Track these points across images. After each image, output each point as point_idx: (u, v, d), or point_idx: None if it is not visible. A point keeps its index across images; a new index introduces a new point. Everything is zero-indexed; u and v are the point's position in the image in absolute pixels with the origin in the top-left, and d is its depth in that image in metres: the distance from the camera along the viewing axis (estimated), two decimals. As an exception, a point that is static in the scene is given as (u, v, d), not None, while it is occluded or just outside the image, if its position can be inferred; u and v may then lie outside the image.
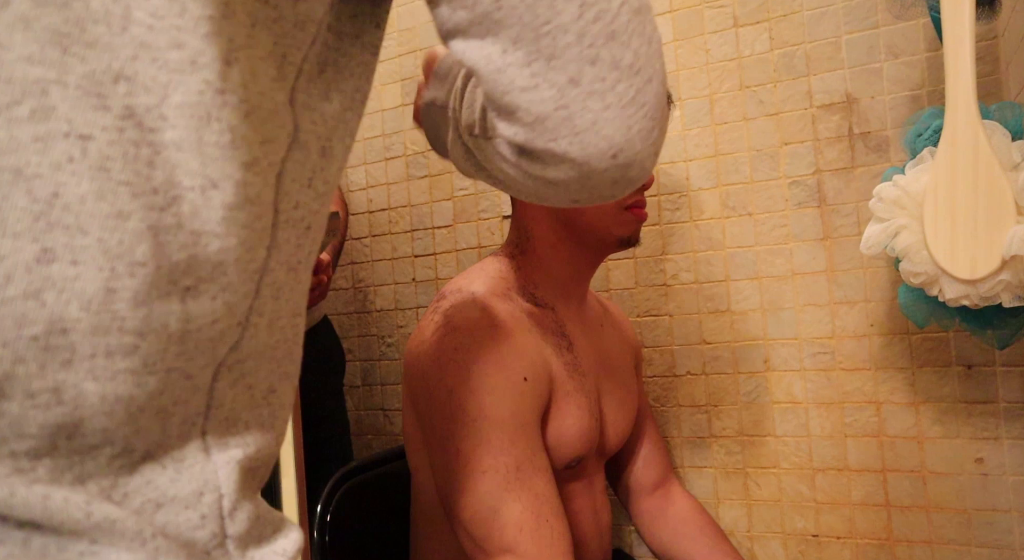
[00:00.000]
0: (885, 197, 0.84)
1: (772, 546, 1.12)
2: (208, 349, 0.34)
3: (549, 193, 0.45)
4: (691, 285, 1.18)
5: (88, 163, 0.30)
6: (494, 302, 0.85)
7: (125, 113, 0.30)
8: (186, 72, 0.32)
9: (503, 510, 0.76)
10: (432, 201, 1.40)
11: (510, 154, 0.44)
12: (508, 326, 0.82)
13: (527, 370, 0.81)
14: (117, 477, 0.32)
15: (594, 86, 0.38)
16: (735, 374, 1.15)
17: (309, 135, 0.38)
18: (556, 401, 0.85)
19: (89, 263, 0.29)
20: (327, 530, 0.90)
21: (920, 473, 1.03)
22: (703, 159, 1.17)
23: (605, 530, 0.96)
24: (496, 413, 0.78)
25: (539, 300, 0.91)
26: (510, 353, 0.80)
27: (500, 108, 0.41)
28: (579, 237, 0.92)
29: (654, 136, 0.41)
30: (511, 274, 0.91)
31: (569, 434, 0.85)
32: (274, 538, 0.37)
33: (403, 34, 1.42)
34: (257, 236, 0.35)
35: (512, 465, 0.77)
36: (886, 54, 1.05)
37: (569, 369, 0.87)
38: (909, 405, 1.04)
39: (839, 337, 1.08)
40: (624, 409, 0.99)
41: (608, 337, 1.01)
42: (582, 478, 0.92)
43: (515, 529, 0.75)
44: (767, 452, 1.13)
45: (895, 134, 1.04)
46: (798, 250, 1.11)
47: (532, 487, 0.77)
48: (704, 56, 1.16)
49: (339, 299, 1.50)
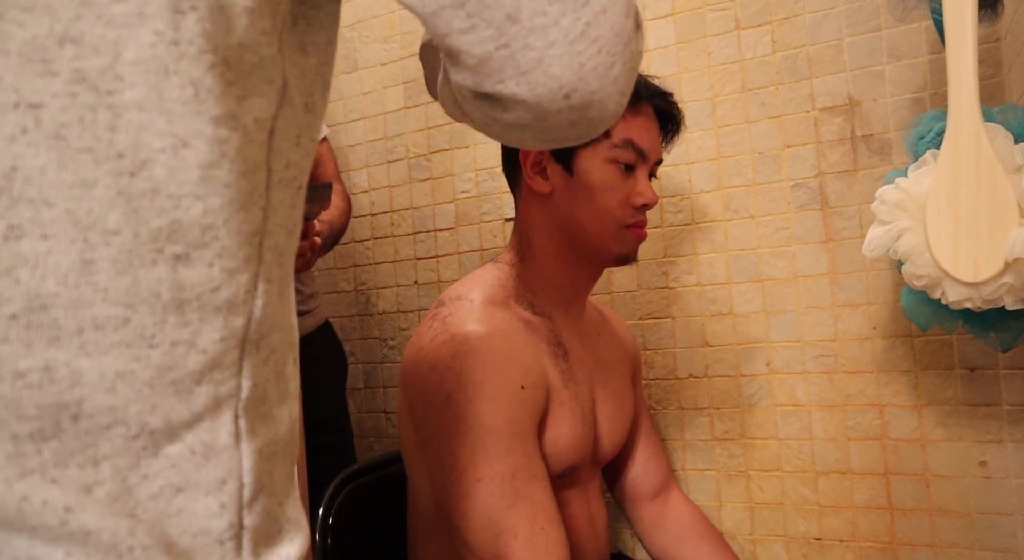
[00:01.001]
0: (887, 200, 0.84)
1: (775, 549, 1.12)
2: (217, 320, 0.32)
3: (515, 137, 0.42)
4: (693, 288, 1.18)
5: (43, 132, 0.29)
6: (492, 310, 0.85)
7: (76, 77, 0.29)
8: (133, 26, 0.30)
9: (498, 518, 0.76)
10: (434, 204, 1.40)
11: (470, 98, 0.41)
12: (506, 334, 0.83)
13: (524, 378, 0.81)
14: (139, 458, 0.30)
15: (535, 21, 0.35)
16: (737, 377, 1.15)
17: (295, 90, 0.37)
18: (552, 409, 0.85)
19: (60, 236, 0.29)
20: (329, 533, 0.90)
21: (923, 476, 1.03)
22: (705, 162, 1.17)
23: (601, 534, 0.96)
24: (493, 421, 0.78)
25: (537, 308, 0.91)
26: (507, 361, 0.80)
27: (446, 52, 0.39)
28: (578, 249, 0.92)
29: (614, 73, 0.37)
30: (510, 282, 0.91)
31: (563, 442, 0.85)
32: (279, 540, 0.36)
33: (405, 37, 1.42)
34: (247, 196, 0.34)
35: (508, 473, 0.77)
36: (888, 57, 1.05)
37: (564, 378, 0.88)
38: (912, 408, 1.04)
39: (841, 340, 1.08)
40: (618, 418, 0.99)
41: (605, 346, 1.01)
42: (576, 485, 0.92)
43: (510, 536, 0.76)
44: (769, 455, 1.12)
45: (897, 137, 1.04)
46: (800, 253, 1.10)
47: (528, 495, 0.77)
48: (706, 59, 1.16)
49: (341, 302, 1.51)
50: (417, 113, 1.41)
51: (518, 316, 0.87)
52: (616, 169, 0.90)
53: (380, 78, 1.46)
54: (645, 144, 0.91)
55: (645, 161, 0.91)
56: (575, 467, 0.88)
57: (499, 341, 0.82)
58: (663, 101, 0.95)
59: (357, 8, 1.48)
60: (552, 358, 0.88)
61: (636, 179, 0.91)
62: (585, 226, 0.90)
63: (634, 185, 0.90)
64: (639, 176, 0.91)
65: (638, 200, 0.90)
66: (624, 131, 0.89)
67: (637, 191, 0.90)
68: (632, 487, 1.07)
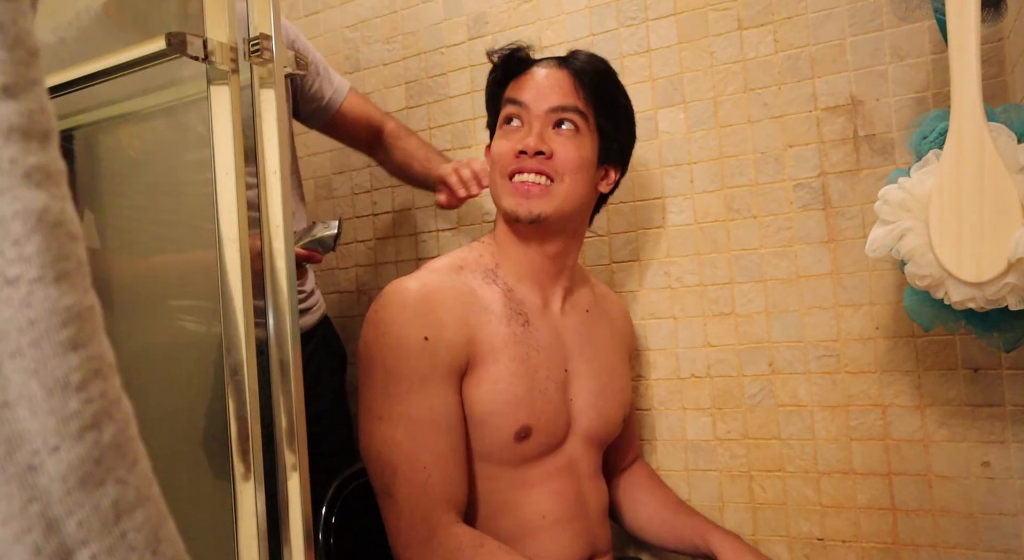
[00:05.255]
0: (890, 199, 0.84)
1: (777, 550, 1.12)
2: None
3: None
4: (695, 288, 1.18)
5: None
6: (436, 276, 0.92)
7: None
8: None
9: (387, 454, 0.85)
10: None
11: None
12: (428, 290, 0.89)
13: (430, 330, 0.86)
14: None
15: None
16: (740, 377, 1.15)
17: None
18: (481, 366, 0.89)
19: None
20: (332, 532, 0.90)
21: (926, 477, 1.03)
22: (707, 162, 1.17)
23: (595, 515, 0.99)
24: (394, 366, 0.85)
25: (496, 280, 0.96)
26: (415, 313, 0.87)
27: None
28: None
29: None
30: (473, 254, 0.98)
31: (500, 399, 0.89)
32: None
33: (407, 38, 1.42)
34: None
35: (404, 414, 0.85)
36: (891, 56, 1.05)
37: (512, 340, 0.92)
38: (915, 408, 1.04)
39: (844, 340, 1.08)
40: (606, 395, 1.02)
41: (593, 323, 1.04)
42: (558, 457, 0.95)
43: (392, 472, 0.84)
44: (772, 455, 1.12)
45: (900, 136, 1.04)
46: (803, 253, 1.10)
47: (420, 438, 0.84)
48: (708, 58, 1.16)
49: (343, 302, 1.51)
50: (419, 113, 1.41)
51: (464, 282, 0.93)
52: (502, 128, 0.97)
53: (382, 78, 1.46)
54: (521, 95, 0.96)
55: (527, 110, 0.95)
56: (528, 429, 0.91)
57: (414, 295, 0.88)
58: (510, 54, 1.00)
59: (359, 8, 1.48)
60: (498, 321, 0.92)
61: (524, 132, 0.94)
62: (492, 189, 0.98)
63: (522, 137, 0.94)
64: (527, 129, 0.95)
65: (518, 147, 0.93)
66: (509, 93, 0.98)
67: (518, 139, 0.94)
68: (609, 462, 1.12)
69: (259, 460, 0.70)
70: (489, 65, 1.03)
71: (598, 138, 0.97)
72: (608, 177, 1.01)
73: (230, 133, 0.71)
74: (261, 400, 0.70)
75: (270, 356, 0.72)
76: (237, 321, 0.70)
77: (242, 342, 0.70)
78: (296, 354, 0.71)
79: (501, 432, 0.89)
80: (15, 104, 0.28)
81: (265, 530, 0.69)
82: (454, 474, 0.86)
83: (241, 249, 0.70)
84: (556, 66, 0.97)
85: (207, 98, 0.72)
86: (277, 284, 0.72)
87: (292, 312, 0.71)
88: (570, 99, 0.95)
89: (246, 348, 0.70)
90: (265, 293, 0.72)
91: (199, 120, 0.75)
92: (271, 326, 0.72)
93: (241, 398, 0.70)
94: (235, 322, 0.70)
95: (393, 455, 0.84)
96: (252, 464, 0.69)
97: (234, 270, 0.71)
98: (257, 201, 0.72)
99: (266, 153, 0.73)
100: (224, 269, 0.71)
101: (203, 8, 0.72)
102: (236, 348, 0.70)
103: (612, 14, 1.23)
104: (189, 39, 0.69)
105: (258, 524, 0.69)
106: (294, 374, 0.71)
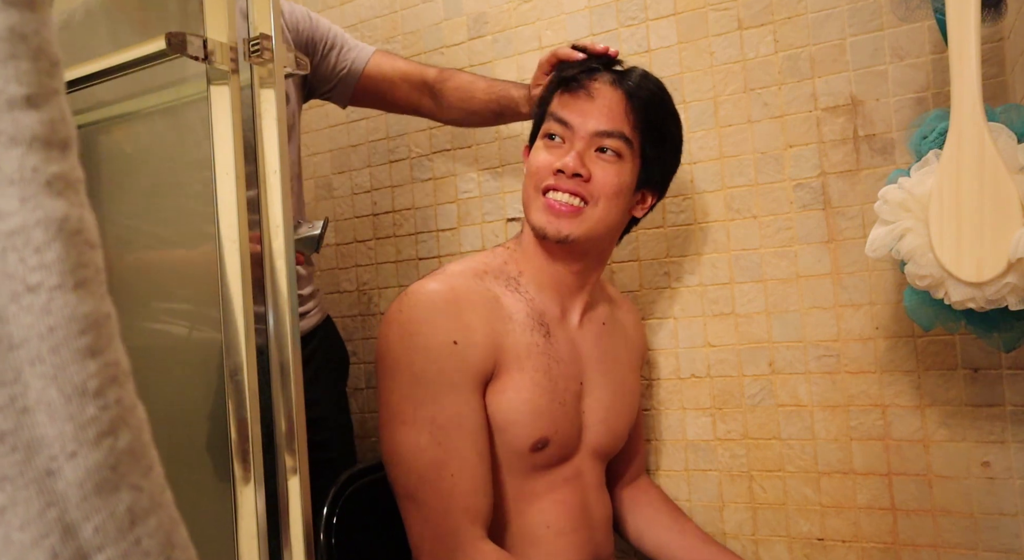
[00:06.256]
0: (890, 200, 0.84)
1: (777, 550, 1.12)
2: None
3: None
4: (695, 288, 1.18)
5: None
6: (461, 280, 0.90)
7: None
8: None
9: (412, 459, 0.83)
10: (436, 204, 1.40)
11: None
12: (456, 294, 0.87)
13: (459, 334, 0.85)
14: None
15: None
16: (740, 377, 1.15)
17: None
18: (506, 373, 0.88)
19: None
20: (333, 533, 0.90)
21: (926, 477, 1.03)
22: (707, 162, 1.17)
23: (599, 525, 0.99)
24: (422, 370, 0.84)
25: (519, 288, 0.94)
26: (444, 316, 0.85)
27: None
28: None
29: None
30: (497, 262, 0.96)
31: (524, 409, 0.88)
32: None
33: (408, 37, 1.42)
34: None
35: (430, 419, 0.83)
36: (891, 56, 1.05)
37: (534, 351, 0.90)
38: (915, 408, 1.04)
39: (844, 340, 1.08)
40: (616, 410, 1.01)
41: (609, 336, 1.03)
42: (568, 469, 0.95)
43: (417, 478, 0.83)
44: (772, 455, 1.12)
45: (900, 136, 1.04)
46: (803, 253, 1.10)
47: (446, 443, 0.83)
48: (708, 58, 1.16)
49: (343, 302, 1.51)
50: (419, 113, 1.41)
51: (487, 288, 0.91)
52: (543, 140, 0.94)
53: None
54: (567, 115, 0.92)
55: (571, 131, 0.92)
56: (546, 441, 0.90)
57: (442, 297, 0.86)
58: (570, 73, 0.96)
59: (359, 8, 1.48)
60: (522, 330, 0.91)
61: (564, 150, 0.92)
62: (524, 199, 0.95)
63: (561, 155, 0.91)
64: (568, 147, 0.92)
65: (556, 164, 0.90)
66: (555, 108, 0.94)
67: (557, 157, 0.91)
68: (614, 471, 1.11)
69: (259, 462, 0.70)
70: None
71: (640, 164, 0.94)
72: (644, 202, 0.99)
73: (230, 133, 0.71)
74: (261, 401, 0.70)
75: (270, 357, 0.72)
76: (237, 323, 0.70)
77: (242, 343, 0.70)
78: (296, 355, 0.71)
79: (519, 441, 0.88)
80: (37, 114, 0.28)
81: (265, 531, 0.69)
82: (480, 482, 0.84)
83: (241, 249, 0.70)
84: (610, 84, 0.93)
85: (207, 98, 0.72)
86: (277, 284, 0.72)
87: (292, 313, 0.71)
88: (618, 124, 0.91)
89: (246, 349, 0.70)
90: (265, 294, 0.72)
91: (199, 120, 0.75)
92: (271, 327, 0.72)
93: (241, 399, 0.69)
94: (235, 324, 0.70)
95: (417, 461, 0.82)
96: (252, 466, 0.69)
97: (234, 270, 0.71)
98: (257, 201, 0.72)
99: (266, 153, 0.73)
100: (224, 269, 0.71)
101: (203, 8, 0.72)
102: (236, 349, 0.70)
103: (612, 14, 1.23)
104: (189, 39, 0.69)
105: (258, 525, 0.69)
106: (294, 375, 0.71)
